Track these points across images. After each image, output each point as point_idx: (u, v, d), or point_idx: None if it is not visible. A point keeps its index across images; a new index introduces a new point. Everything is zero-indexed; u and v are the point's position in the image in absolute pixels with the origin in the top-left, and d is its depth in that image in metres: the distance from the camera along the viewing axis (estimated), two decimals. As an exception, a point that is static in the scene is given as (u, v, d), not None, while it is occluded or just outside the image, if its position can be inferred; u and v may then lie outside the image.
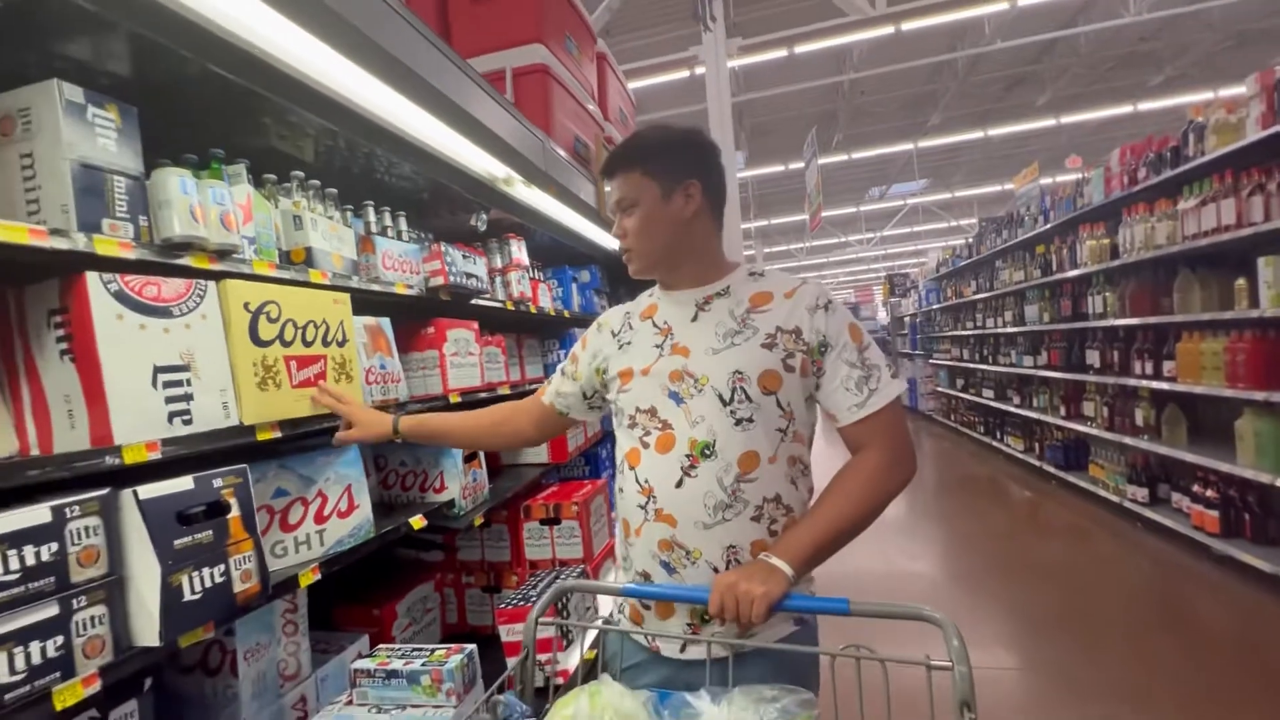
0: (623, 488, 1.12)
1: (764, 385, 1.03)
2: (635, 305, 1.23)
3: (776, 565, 0.93)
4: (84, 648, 0.86)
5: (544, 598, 1.05)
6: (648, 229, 1.09)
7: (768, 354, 1.04)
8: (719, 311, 1.10)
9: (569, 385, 1.29)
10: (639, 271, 1.15)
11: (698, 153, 1.12)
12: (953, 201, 15.89)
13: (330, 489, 1.40)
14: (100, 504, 0.90)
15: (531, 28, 2.08)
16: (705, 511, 1.02)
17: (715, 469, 1.02)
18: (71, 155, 0.90)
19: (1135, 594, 3.42)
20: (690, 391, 1.05)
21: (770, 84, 8.87)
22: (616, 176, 1.11)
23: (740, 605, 0.88)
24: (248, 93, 1.24)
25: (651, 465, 1.06)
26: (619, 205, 1.12)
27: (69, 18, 0.94)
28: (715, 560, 1.02)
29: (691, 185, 1.09)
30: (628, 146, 1.13)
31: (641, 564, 1.08)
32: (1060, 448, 5.48)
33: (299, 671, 1.46)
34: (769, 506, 1.03)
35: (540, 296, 2.53)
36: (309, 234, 1.37)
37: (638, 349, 1.14)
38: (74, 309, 0.92)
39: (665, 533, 1.04)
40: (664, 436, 1.06)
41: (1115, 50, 9.45)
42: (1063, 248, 5.17)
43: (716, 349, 1.06)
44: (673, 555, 1.04)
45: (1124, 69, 10.17)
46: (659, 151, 1.10)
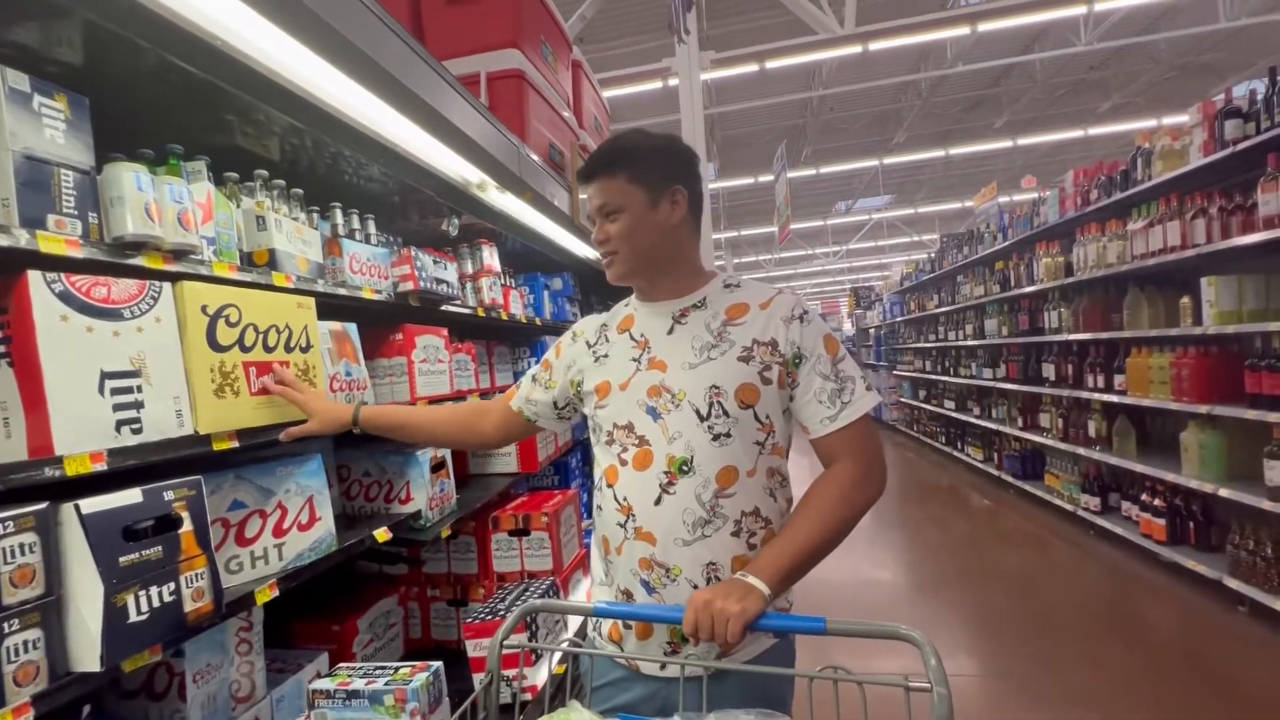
0: (601, 505, 1.10)
1: (741, 399, 1.02)
2: (611, 316, 1.21)
3: (753, 584, 0.92)
4: (15, 675, 0.80)
5: (509, 619, 1.02)
6: (634, 235, 1.07)
7: (744, 367, 1.03)
8: (695, 324, 1.09)
9: (541, 393, 1.26)
10: (620, 277, 1.13)
11: (682, 160, 1.11)
12: (916, 217, 16.37)
13: (290, 501, 1.34)
14: (37, 519, 0.84)
15: (508, 32, 2.06)
16: (684, 528, 1.00)
17: (693, 485, 1.01)
18: (15, 146, 0.85)
19: (1088, 600, 3.53)
20: (668, 407, 1.04)
21: (742, 97, 9.02)
22: (597, 181, 1.08)
23: (715, 624, 0.87)
24: (210, 87, 1.19)
25: (630, 483, 1.05)
26: (601, 210, 1.09)
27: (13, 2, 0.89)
28: (695, 578, 1.01)
29: (678, 192, 1.08)
30: (611, 150, 1.10)
31: (624, 582, 1.07)
32: (1018, 458, 5.66)
33: (253, 693, 1.39)
34: (748, 520, 1.02)
35: (512, 303, 2.49)
36: (273, 235, 1.31)
37: (614, 362, 1.12)
38: (13, 309, 0.86)
39: (645, 551, 1.03)
40: (641, 453, 1.04)
41: (1067, 77, 9.92)
42: (1020, 264, 5.36)
43: (693, 363, 1.05)
44: (652, 575, 1.03)
45: (1075, 95, 10.68)
46: (644, 156, 1.08)
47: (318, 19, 1.16)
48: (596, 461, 1.14)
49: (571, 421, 1.32)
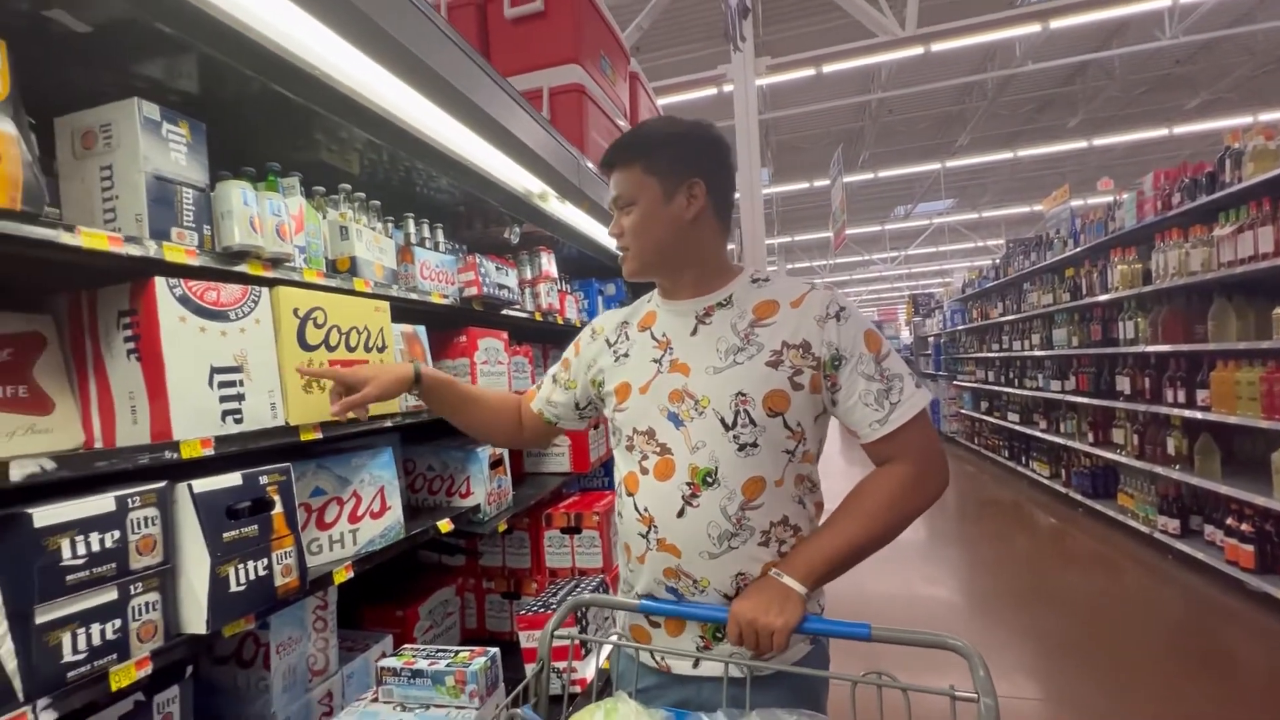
0: (621, 512, 1.07)
1: (770, 406, 0.95)
2: (632, 312, 1.15)
3: (790, 587, 0.90)
4: (139, 632, 0.91)
5: (560, 611, 1.04)
6: (645, 229, 1.01)
7: (773, 373, 0.96)
8: (720, 325, 1.02)
9: (561, 394, 1.22)
10: (633, 273, 1.07)
11: (704, 148, 1.03)
12: (980, 222, 15.72)
13: (364, 490, 1.44)
14: (158, 496, 0.95)
15: (569, 49, 2.14)
16: (710, 541, 0.96)
17: (718, 497, 0.96)
18: (147, 168, 0.97)
19: (1164, 628, 3.32)
20: (690, 414, 0.98)
21: (797, 102, 8.92)
22: (615, 171, 1.03)
23: (760, 639, 0.86)
24: (303, 109, 1.31)
25: (651, 493, 1.00)
26: (616, 203, 1.05)
27: (148, 40, 1.01)
28: (725, 588, 0.97)
29: (695, 184, 1.01)
30: (629, 138, 1.04)
31: (647, 589, 1.03)
32: (1088, 475, 5.37)
33: (327, 667, 1.50)
34: (776, 529, 0.98)
35: (567, 308, 2.58)
36: (354, 244, 1.43)
37: (635, 363, 1.07)
38: (142, 311, 0.98)
39: (670, 562, 0.99)
40: (663, 462, 0.99)
41: (1150, 73, 9.33)
42: (1093, 271, 5.09)
43: (718, 367, 0.98)
44: (680, 583, 0.99)
45: (1159, 92, 10.03)
46: (661, 145, 1.01)
47: (399, 45, 1.27)
48: (617, 466, 1.09)
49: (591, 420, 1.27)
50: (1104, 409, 5.07)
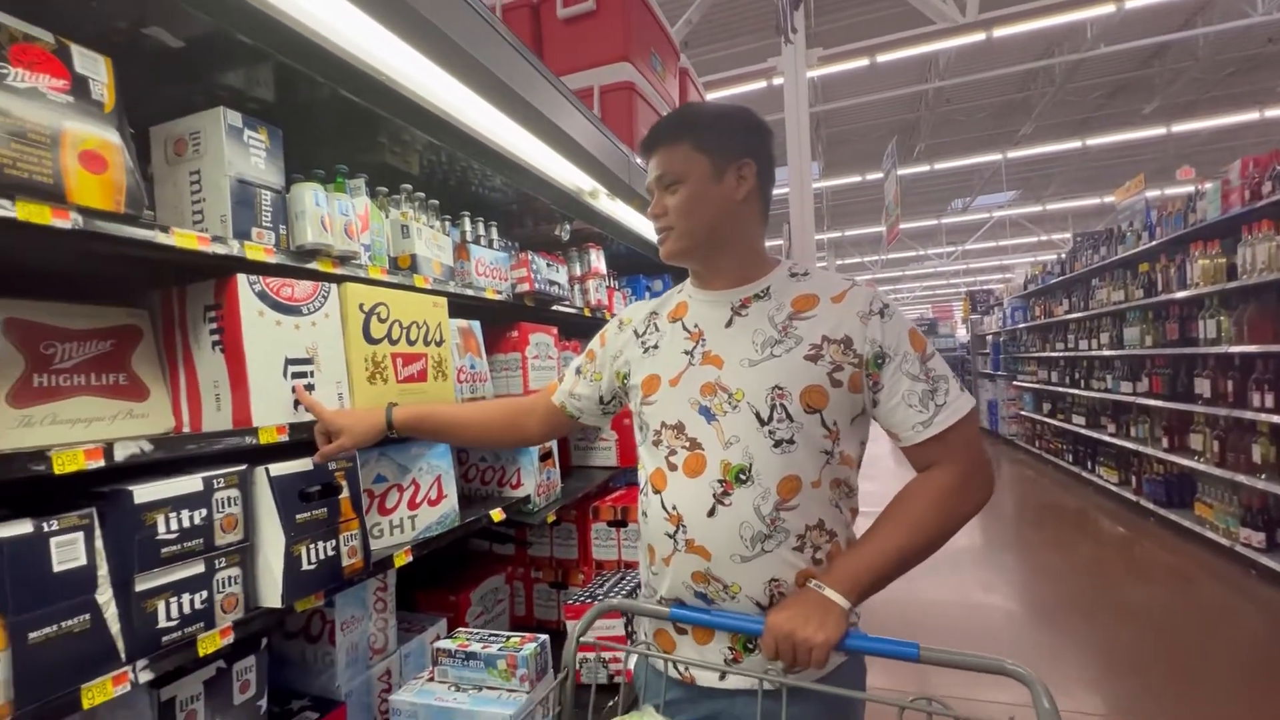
0: (646, 511, 1.01)
1: (807, 402, 0.91)
2: (662, 303, 1.11)
3: (832, 600, 0.84)
4: (222, 603, 0.98)
5: (584, 618, 0.99)
6: (693, 207, 0.97)
7: (812, 367, 0.92)
8: (757, 317, 0.98)
9: (585, 387, 1.17)
10: (674, 254, 1.01)
11: (753, 130, 1.00)
12: (1044, 215, 14.96)
13: (423, 478, 1.50)
14: (239, 478, 1.02)
15: (620, 47, 2.16)
16: (742, 544, 0.91)
17: (752, 496, 0.91)
18: (231, 172, 1.04)
19: (1244, 647, 3.11)
20: (724, 408, 0.94)
21: (849, 93, 8.70)
22: (660, 150, 0.99)
23: (799, 654, 0.81)
24: (368, 113, 1.37)
25: (679, 490, 0.95)
26: (660, 181, 1.00)
27: (231, 52, 1.08)
28: (757, 595, 0.92)
29: (746, 164, 0.98)
30: (675, 117, 1.01)
31: (672, 593, 0.98)
32: (1161, 482, 5.06)
33: (386, 646, 1.58)
34: (812, 534, 0.93)
35: (615, 304, 2.61)
36: (414, 242, 1.49)
37: (665, 355, 1.03)
38: (225, 305, 1.05)
39: (699, 565, 0.94)
40: (693, 458, 0.95)
41: (1238, 52, 8.67)
42: (1170, 266, 4.78)
43: (754, 360, 0.94)
44: (709, 588, 0.95)
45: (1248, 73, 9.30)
46: (712, 124, 0.98)
47: (458, 48, 1.31)
48: (642, 463, 1.04)
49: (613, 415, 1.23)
50: (1180, 413, 4.76)
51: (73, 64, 0.82)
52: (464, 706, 1.30)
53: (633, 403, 1.08)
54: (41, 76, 0.78)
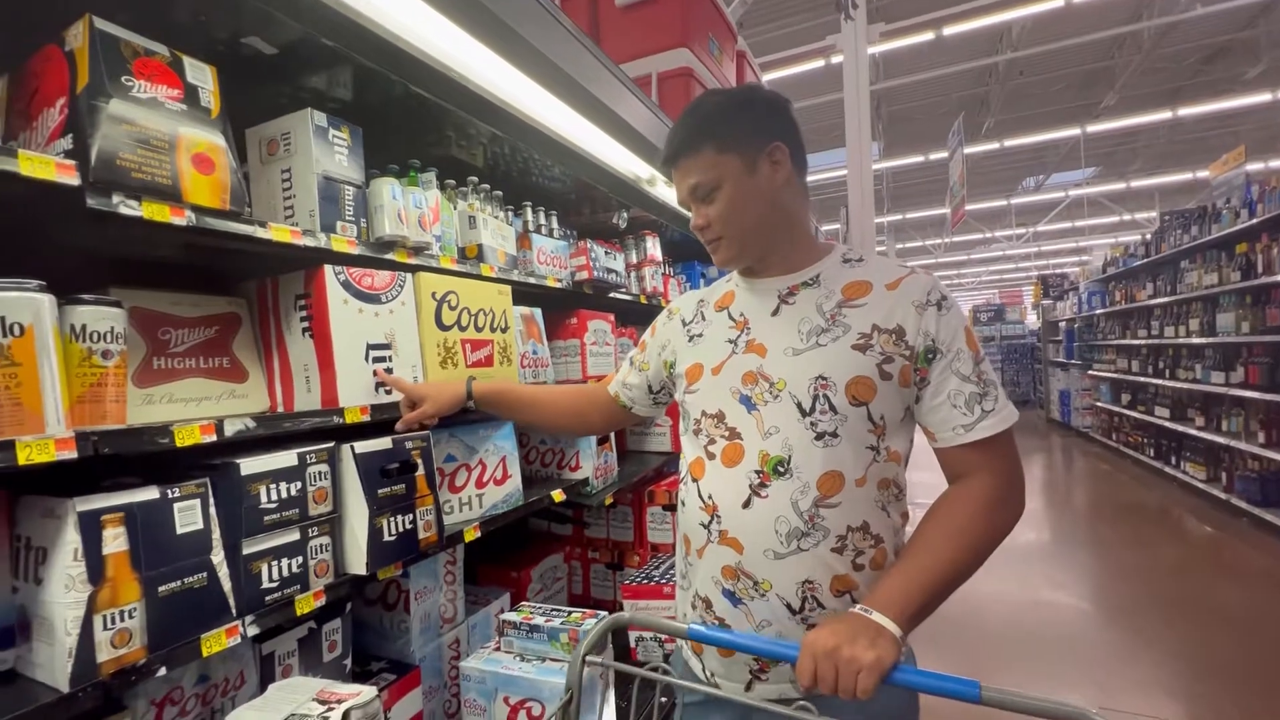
0: (684, 500, 0.99)
1: (853, 394, 0.87)
2: (711, 291, 1.09)
3: (880, 623, 0.76)
4: (315, 568, 1.07)
5: (592, 634, 0.93)
6: (737, 210, 0.93)
7: (860, 357, 0.87)
8: (805, 305, 0.94)
9: (635, 377, 1.17)
10: (727, 261, 0.99)
11: (773, 109, 0.95)
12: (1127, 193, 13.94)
13: (489, 458, 1.57)
14: (328, 454, 1.11)
15: (677, 33, 2.16)
16: (777, 539, 0.87)
17: (790, 490, 0.87)
18: (318, 170, 1.11)
19: (1350, 659, 2.87)
20: (764, 397, 0.91)
21: (912, 69, 8.32)
22: (683, 162, 0.95)
23: (842, 676, 0.72)
24: (438, 109, 1.43)
25: (716, 479, 0.93)
26: (694, 193, 0.95)
27: (316, 56, 1.15)
28: (788, 595, 0.87)
29: (776, 148, 0.93)
30: (689, 124, 0.95)
31: (703, 588, 0.95)
32: (1256, 480, 4.70)
33: (455, 616, 1.67)
34: (854, 536, 0.87)
35: (671, 291, 2.62)
36: (481, 232, 1.55)
37: (709, 343, 1.01)
38: (314, 295, 1.13)
39: (731, 558, 0.90)
40: (731, 447, 0.92)
41: (1362, 7, 7.78)
42: (1272, 247, 4.40)
43: (798, 349, 0.91)
44: (739, 585, 0.90)
45: (1373, 29, 8.35)
46: (728, 118, 0.93)
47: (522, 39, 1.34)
48: (683, 452, 1.03)
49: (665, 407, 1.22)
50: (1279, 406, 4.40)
51: (185, 74, 0.90)
52: (529, 676, 1.36)
53: (678, 392, 1.06)
54: (160, 87, 0.86)
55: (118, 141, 0.80)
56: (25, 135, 0.86)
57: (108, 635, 0.78)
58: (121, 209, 0.80)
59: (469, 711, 1.42)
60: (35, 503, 0.82)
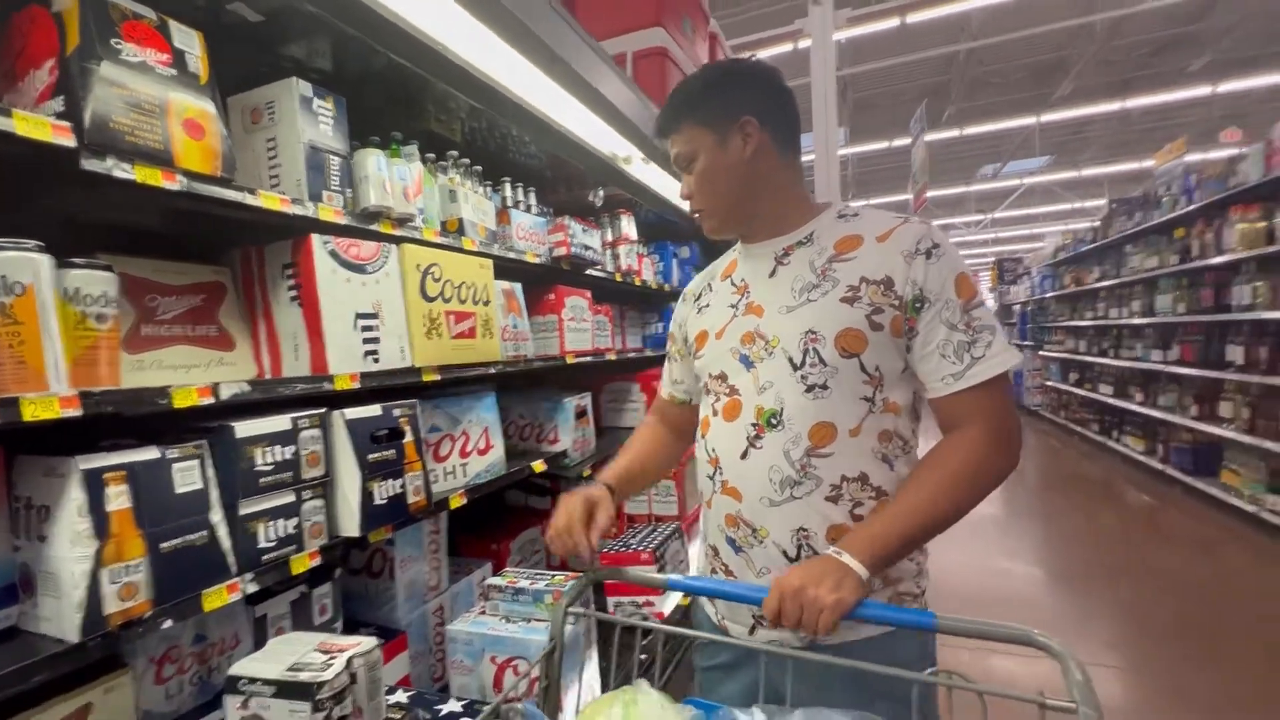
0: (697, 456, 1.06)
1: (843, 346, 0.89)
2: (717, 265, 1.14)
3: (849, 565, 0.79)
4: (309, 530, 1.10)
5: (574, 585, 0.98)
6: (710, 181, 0.98)
7: (848, 310, 0.89)
8: (799, 263, 0.97)
9: (679, 367, 1.19)
10: (713, 230, 1.04)
11: (746, 83, 0.98)
12: (1079, 180, 14.49)
13: (473, 429, 1.61)
14: (320, 420, 1.13)
15: (652, 12, 2.18)
16: (771, 487, 0.91)
17: (782, 440, 0.91)
18: (304, 139, 1.12)
19: (1268, 609, 3.14)
20: (760, 355, 0.95)
21: (877, 55, 8.46)
22: (670, 135, 1.01)
23: (806, 613, 0.75)
24: (419, 80, 1.44)
25: (718, 434, 0.98)
26: (677, 162, 1.02)
27: (298, 23, 1.15)
28: (784, 542, 0.92)
29: (747, 122, 0.95)
30: (672, 100, 1.01)
31: (711, 537, 1.02)
32: (1189, 451, 5.03)
33: (439, 584, 1.71)
34: (850, 487, 0.90)
35: (644, 270, 2.67)
36: (461, 206, 1.56)
37: (714, 311, 1.06)
38: (301, 263, 1.14)
39: (732, 507, 0.96)
40: (731, 403, 0.97)
41: (1296, 5, 8.21)
42: (1206, 232, 4.68)
43: (791, 306, 0.94)
44: (739, 532, 0.96)
45: (1306, 27, 8.81)
46: (703, 93, 0.98)
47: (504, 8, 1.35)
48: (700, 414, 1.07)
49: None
50: (1211, 380, 4.71)
51: (172, 39, 0.90)
52: (515, 635, 1.41)
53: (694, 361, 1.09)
54: (149, 51, 0.86)
55: (111, 104, 0.81)
56: (9, 97, 0.85)
57: (114, 589, 0.81)
58: (116, 172, 0.81)
59: (456, 672, 1.47)
60: (35, 463, 0.83)
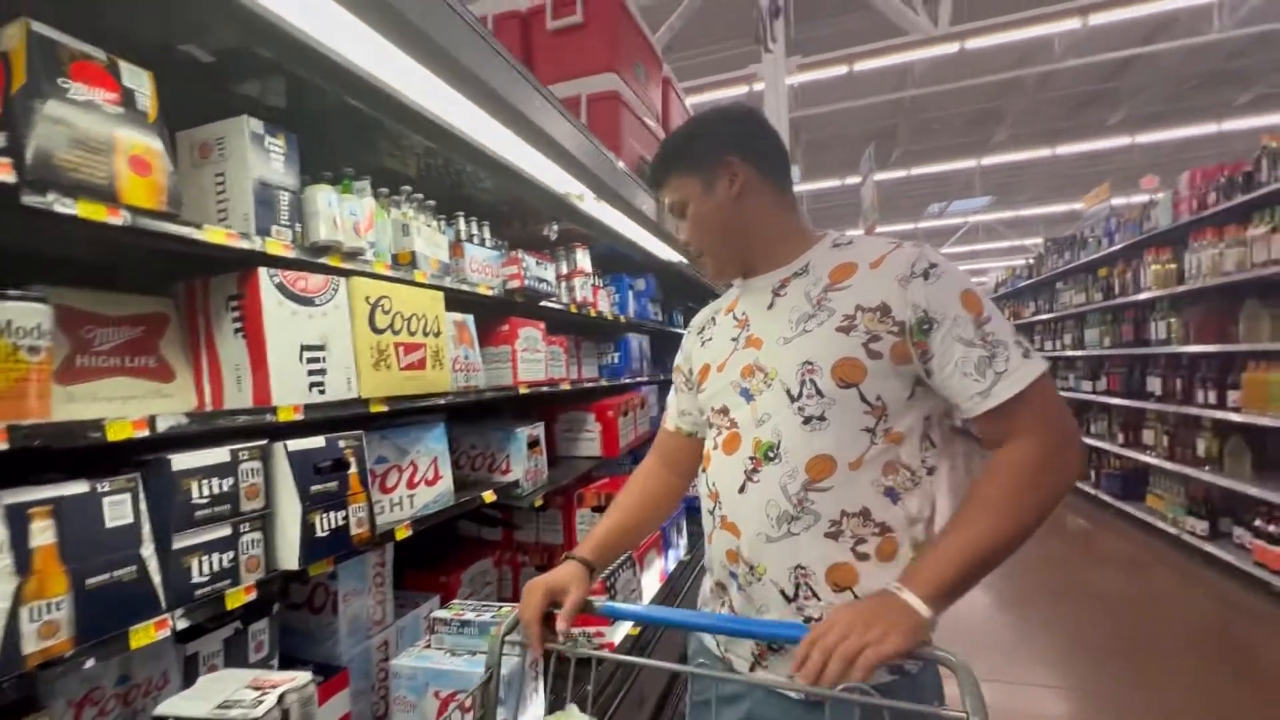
0: (699, 491, 1.06)
1: (840, 376, 0.88)
2: (723, 300, 1.15)
3: (908, 603, 0.75)
4: (246, 563, 1.09)
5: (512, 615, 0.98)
6: (701, 226, 1.02)
7: (844, 339, 0.88)
8: (795, 294, 0.97)
9: (687, 400, 1.17)
10: (715, 274, 1.08)
11: (726, 126, 1.02)
12: (1017, 220, 15.40)
13: (421, 460, 1.61)
14: (261, 451, 1.13)
15: (606, 58, 2.29)
16: (769, 523, 0.90)
17: (779, 474, 0.90)
18: (253, 175, 1.14)
19: (1191, 627, 3.33)
20: (760, 387, 0.95)
21: (828, 99, 8.91)
22: (661, 186, 1.06)
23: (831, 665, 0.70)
24: (372, 119, 1.47)
25: (719, 468, 0.99)
26: (672, 212, 1.06)
27: (250, 65, 1.19)
28: (781, 581, 0.90)
29: (730, 163, 0.99)
30: (660, 153, 1.06)
31: (717, 574, 1.01)
32: (1118, 477, 5.33)
33: (384, 619, 1.68)
34: (850, 522, 0.87)
35: (600, 301, 2.73)
36: (414, 239, 1.59)
37: (716, 344, 1.07)
38: (247, 296, 1.15)
39: (731, 543, 0.95)
40: (731, 436, 0.97)
41: (1200, 67, 9.06)
42: (1127, 271, 5.05)
43: (788, 338, 0.94)
44: (739, 569, 0.94)
45: (1209, 86, 9.72)
46: (686, 144, 1.02)
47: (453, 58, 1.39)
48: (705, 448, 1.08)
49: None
50: (1135, 410, 5.02)
51: (121, 78, 0.93)
52: (459, 669, 1.41)
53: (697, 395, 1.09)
54: (97, 90, 0.88)
55: (55, 141, 0.82)
56: (-49, 132, 0.86)
57: (34, 627, 0.79)
58: (57, 207, 0.82)
59: (399, 708, 1.44)
60: (-46, 497, 0.82)
